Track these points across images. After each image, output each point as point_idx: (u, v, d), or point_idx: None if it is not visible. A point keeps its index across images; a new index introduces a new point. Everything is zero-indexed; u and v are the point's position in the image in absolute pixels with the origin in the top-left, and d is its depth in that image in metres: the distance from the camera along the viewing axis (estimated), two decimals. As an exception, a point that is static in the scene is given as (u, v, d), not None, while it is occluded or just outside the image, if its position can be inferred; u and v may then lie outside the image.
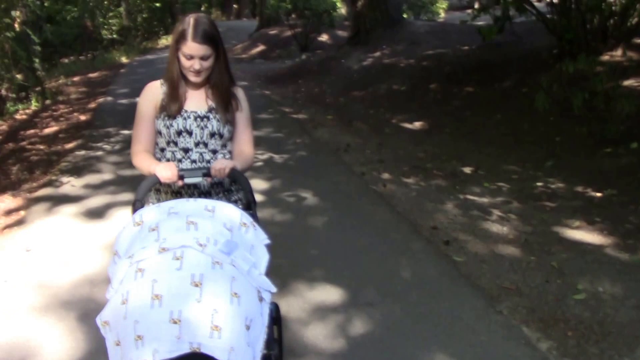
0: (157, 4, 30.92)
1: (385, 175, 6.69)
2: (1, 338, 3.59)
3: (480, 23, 10.87)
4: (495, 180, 6.27)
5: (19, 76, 13.97)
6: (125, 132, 9.20)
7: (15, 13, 13.90)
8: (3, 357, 3.40)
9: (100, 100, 13.46)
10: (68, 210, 5.91)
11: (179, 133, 2.66)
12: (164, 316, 1.84)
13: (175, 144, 2.68)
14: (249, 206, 2.58)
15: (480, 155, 7.24)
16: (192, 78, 2.62)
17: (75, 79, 18.66)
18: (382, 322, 3.61)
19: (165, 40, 27.85)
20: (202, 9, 36.96)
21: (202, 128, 2.67)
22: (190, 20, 2.54)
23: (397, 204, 5.76)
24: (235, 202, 2.76)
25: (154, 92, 2.71)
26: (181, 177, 2.50)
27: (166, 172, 2.47)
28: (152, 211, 2.29)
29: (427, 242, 4.86)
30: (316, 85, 13.33)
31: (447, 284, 4.11)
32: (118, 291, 2.00)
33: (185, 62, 2.57)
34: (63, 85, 17.01)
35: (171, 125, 2.65)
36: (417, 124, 9.22)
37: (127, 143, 2.70)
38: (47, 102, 14.19)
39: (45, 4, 20.80)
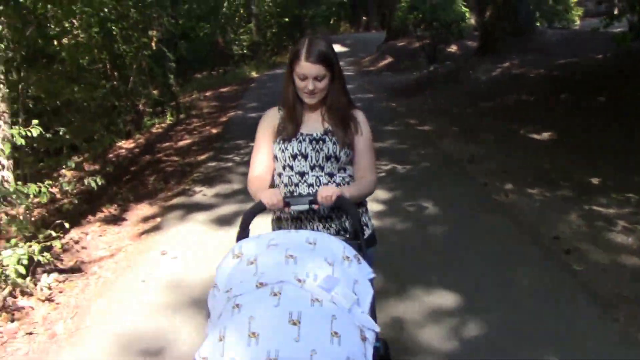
0: (286, 19, 31.72)
1: (509, 186, 6.69)
2: (142, 330, 3.98)
3: (616, 30, 10.49)
4: (623, 191, 6.11)
5: (155, 92, 14.89)
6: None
7: (152, 32, 14.65)
8: (146, 346, 3.78)
9: (231, 114, 14.09)
10: (200, 218, 6.37)
11: (294, 157, 2.60)
12: (260, 355, 1.78)
13: (291, 168, 2.61)
14: (357, 236, 2.47)
15: (609, 166, 7.05)
16: (306, 99, 2.56)
17: (208, 93, 19.56)
18: (497, 327, 3.70)
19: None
20: (331, 22, 37.61)
21: (317, 151, 2.58)
22: (305, 40, 2.52)
23: (519, 214, 5.79)
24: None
25: (272, 117, 2.70)
26: (287, 204, 2.45)
27: (271, 198, 2.41)
28: (251, 243, 2.26)
29: (547, 251, 4.88)
30: (443, 96, 13.33)
31: (564, 291, 4.13)
32: (216, 326, 1.96)
33: (299, 83, 2.52)
34: (196, 100, 17.90)
35: (286, 148, 2.60)
36: (545, 135, 9.07)
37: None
38: (181, 116, 15.05)
39: (180, 22, 21.87)
